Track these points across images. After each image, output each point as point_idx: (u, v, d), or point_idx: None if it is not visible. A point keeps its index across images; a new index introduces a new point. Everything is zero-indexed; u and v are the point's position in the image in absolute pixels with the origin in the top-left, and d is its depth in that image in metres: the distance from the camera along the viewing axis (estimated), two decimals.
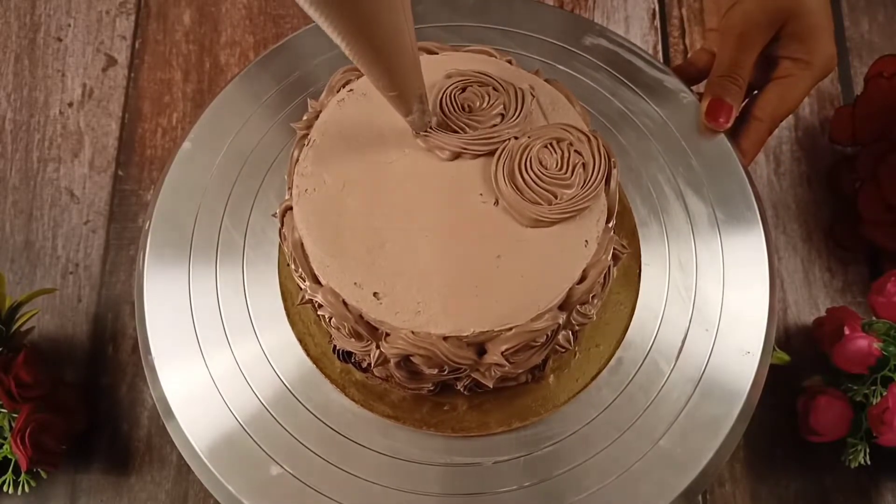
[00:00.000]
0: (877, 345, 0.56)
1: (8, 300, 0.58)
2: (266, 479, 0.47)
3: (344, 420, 0.48)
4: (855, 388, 0.57)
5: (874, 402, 0.56)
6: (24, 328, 0.59)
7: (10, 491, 0.56)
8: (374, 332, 0.41)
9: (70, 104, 0.72)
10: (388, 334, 0.41)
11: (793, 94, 0.55)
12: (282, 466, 0.47)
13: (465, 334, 0.40)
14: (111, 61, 0.73)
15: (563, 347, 0.44)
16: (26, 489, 0.56)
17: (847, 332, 0.58)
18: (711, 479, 0.60)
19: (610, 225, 0.42)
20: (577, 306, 0.42)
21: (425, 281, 0.41)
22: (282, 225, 0.43)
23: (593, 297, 0.43)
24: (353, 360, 0.47)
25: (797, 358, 0.62)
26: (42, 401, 0.56)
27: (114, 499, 0.61)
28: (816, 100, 0.72)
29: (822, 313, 0.63)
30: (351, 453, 0.47)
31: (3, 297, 0.57)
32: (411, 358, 0.41)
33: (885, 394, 0.55)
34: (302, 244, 0.42)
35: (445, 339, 0.40)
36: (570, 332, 0.45)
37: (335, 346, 0.47)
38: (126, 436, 0.62)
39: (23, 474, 0.56)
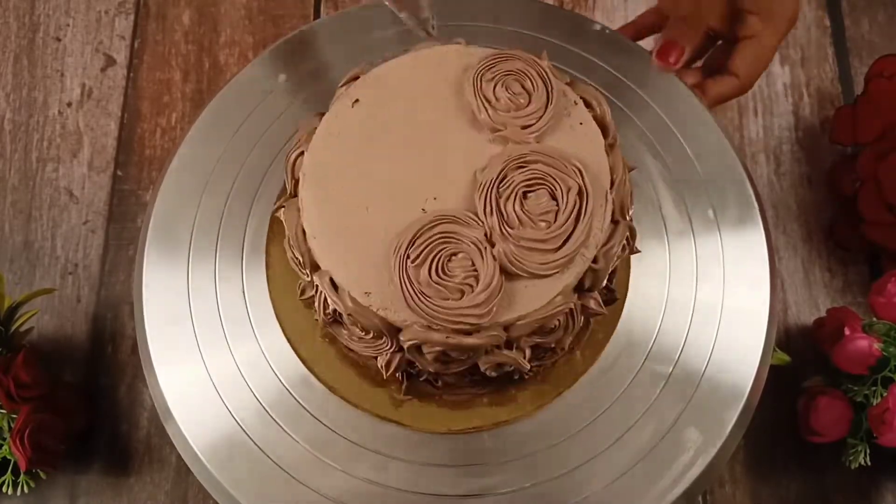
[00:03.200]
0: (877, 345, 0.56)
1: (7, 300, 0.58)
2: (265, 480, 0.46)
3: (342, 419, 0.48)
4: (855, 388, 0.57)
5: (874, 403, 0.56)
6: (23, 328, 0.58)
7: (10, 492, 0.55)
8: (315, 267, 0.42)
9: (69, 104, 0.72)
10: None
11: (764, 52, 0.56)
12: (281, 467, 0.47)
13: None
14: (110, 61, 0.73)
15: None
16: (25, 490, 0.56)
17: (847, 332, 0.58)
18: (712, 480, 0.60)
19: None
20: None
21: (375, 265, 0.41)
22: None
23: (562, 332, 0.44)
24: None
25: (797, 358, 0.62)
26: (41, 401, 0.56)
27: (113, 500, 0.61)
28: (817, 100, 0.72)
29: (823, 314, 0.63)
30: (350, 453, 0.47)
31: (2, 297, 0.57)
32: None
33: (885, 394, 0.55)
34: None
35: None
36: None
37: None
38: (125, 437, 0.62)
39: (22, 475, 0.55)
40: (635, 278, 0.51)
